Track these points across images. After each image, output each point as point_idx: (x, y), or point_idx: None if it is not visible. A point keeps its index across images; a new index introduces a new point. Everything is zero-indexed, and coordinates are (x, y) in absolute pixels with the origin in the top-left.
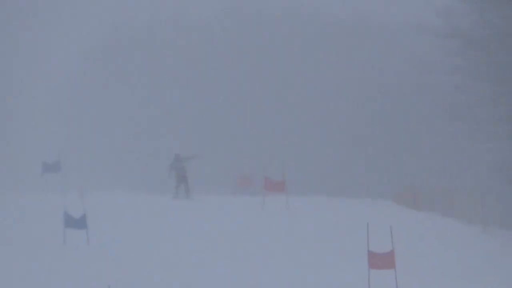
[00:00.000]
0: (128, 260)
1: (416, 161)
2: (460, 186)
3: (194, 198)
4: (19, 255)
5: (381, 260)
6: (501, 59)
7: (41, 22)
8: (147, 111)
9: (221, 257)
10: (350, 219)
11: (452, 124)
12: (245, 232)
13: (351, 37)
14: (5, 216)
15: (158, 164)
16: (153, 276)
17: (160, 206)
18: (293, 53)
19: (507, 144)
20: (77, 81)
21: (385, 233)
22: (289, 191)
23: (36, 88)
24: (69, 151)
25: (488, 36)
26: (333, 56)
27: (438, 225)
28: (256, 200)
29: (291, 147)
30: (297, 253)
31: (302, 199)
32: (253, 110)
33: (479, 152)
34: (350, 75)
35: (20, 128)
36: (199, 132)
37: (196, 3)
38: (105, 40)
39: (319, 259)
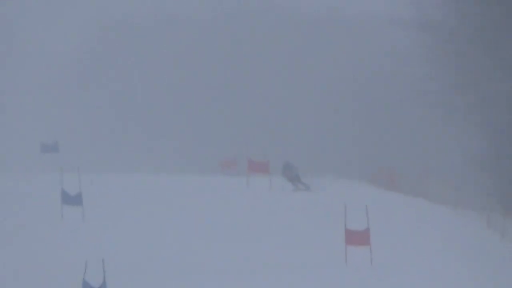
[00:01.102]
0: (121, 235)
1: (392, 145)
2: (433, 169)
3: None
4: (19, 229)
5: (357, 237)
6: (472, 49)
7: (43, 10)
8: (142, 95)
9: (208, 231)
10: (328, 199)
11: (426, 111)
12: (230, 208)
13: (328, 31)
14: (5, 194)
15: (155, 144)
16: (145, 250)
17: (155, 185)
18: (275, 46)
19: (476, 131)
20: (76, 65)
21: (361, 212)
22: (271, 172)
23: (35, 71)
24: (67, 132)
25: (459, 27)
26: (313, 48)
27: (411, 205)
28: (240, 180)
29: (273, 131)
30: (278, 229)
31: (283, 179)
32: (241, 98)
33: (451, 138)
34: (327, 67)
35: (18, 110)
36: (191, 115)
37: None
38: (104, 29)
39: (299, 236)
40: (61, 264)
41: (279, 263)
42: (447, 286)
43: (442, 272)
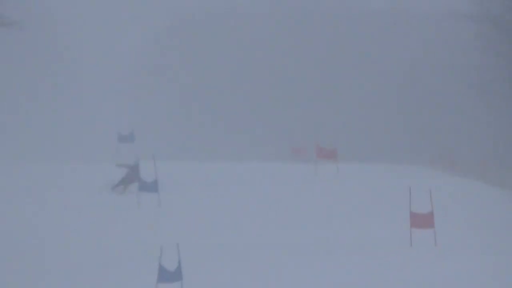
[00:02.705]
0: (195, 221)
1: (452, 132)
2: (491, 154)
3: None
4: (99, 214)
5: (421, 220)
6: None
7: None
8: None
9: (280, 216)
10: (394, 183)
11: (483, 99)
12: (301, 194)
13: (389, 23)
14: (84, 183)
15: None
16: (219, 236)
17: (229, 172)
18: (341, 40)
19: None
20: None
21: (425, 196)
22: (339, 159)
23: (109, 66)
24: (142, 123)
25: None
26: (376, 41)
27: (472, 188)
28: (310, 167)
29: (340, 119)
30: (346, 213)
31: (351, 166)
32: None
33: (509, 124)
34: (389, 59)
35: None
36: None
37: None
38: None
39: (365, 219)
40: (138, 249)
41: (347, 246)
42: (508, 267)
43: (503, 252)
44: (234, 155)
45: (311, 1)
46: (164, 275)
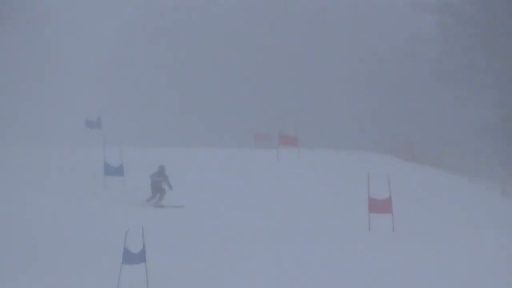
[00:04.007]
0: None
1: (412, 120)
2: (450, 142)
3: (163, 205)
4: (64, 198)
5: (379, 206)
6: (488, 31)
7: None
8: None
9: (241, 201)
10: (353, 170)
11: (444, 88)
12: (262, 180)
13: (352, 14)
14: (51, 166)
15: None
16: (181, 219)
17: (193, 158)
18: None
19: (491, 105)
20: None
21: (383, 182)
22: (300, 145)
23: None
24: (109, 109)
25: (475, 10)
26: (336, 29)
27: (430, 175)
28: (271, 153)
29: (302, 107)
30: (306, 199)
31: (312, 152)
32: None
33: (467, 113)
34: (351, 48)
35: (64, 88)
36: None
37: None
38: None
39: (325, 205)
40: (104, 232)
41: (306, 230)
42: (463, 251)
43: (459, 238)
44: (199, 141)
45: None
46: (128, 257)
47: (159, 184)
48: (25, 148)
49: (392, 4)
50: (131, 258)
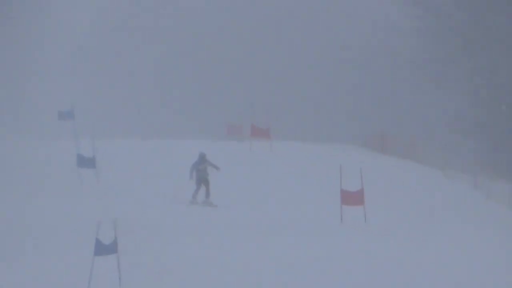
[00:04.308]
0: (132, 197)
1: (385, 112)
2: (423, 134)
3: (213, 203)
4: (36, 190)
5: (352, 198)
6: (462, 25)
7: None
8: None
9: (213, 193)
10: (325, 162)
11: (417, 81)
12: (234, 171)
13: (324, 5)
14: (24, 159)
15: (167, 111)
16: (154, 211)
17: (165, 150)
18: (269, 16)
19: (464, 99)
20: (91, 38)
21: (355, 174)
22: (272, 137)
23: (51, 43)
24: (82, 101)
25: (449, 4)
26: (311, 21)
27: (402, 168)
28: (244, 145)
29: (275, 99)
30: (278, 191)
31: (284, 144)
32: (241, 69)
33: (440, 106)
34: (323, 39)
35: (36, 80)
36: (200, 84)
37: None
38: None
39: (297, 196)
40: (76, 223)
41: (279, 222)
42: (434, 242)
43: (431, 229)
44: (172, 133)
45: None
46: (100, 248)
47: (204, 172)
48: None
49: None
50: (103, 249)
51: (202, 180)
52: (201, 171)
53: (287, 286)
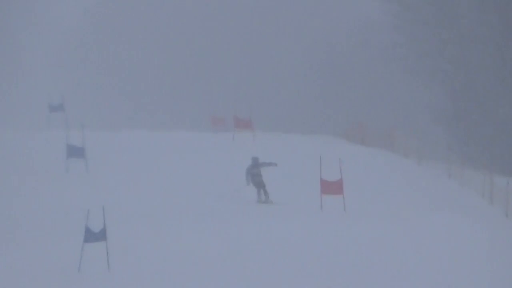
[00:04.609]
0: (120, 186)
1: (364, 104)
2: (399, 125)
3: (273, 202)
4: (27, 180)
5: (331, 187)
6: (436, 19)
7: None
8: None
9: (198, 183)
10: (306, 152)
11: (394, 74)
12: (218, 161)
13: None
14: (14, 150)
15: (153, 103)
16: (141, 200)
17: (152, 141)
18: (253, 8)
19: (438, 91)
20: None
21: (335, 164)
22: (255, 128)
23: (41, 36)
24: (72, 93)
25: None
26: (293, 15)
27: (380, 158)
28: (227, 136)
29: (258, 91)
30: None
31: (266, 135)
32: (225, 61)
33: (416, 98)
34: (302, 33)
35: (27, 72)
36: (186, 77)
37: None
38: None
39: (278, 185)
40: (65, 211)
41: (259, 210)
42: (411, 230)
43: (407, 217)
44: (159, 124)
45: None
46: (90, 236)
47: (258, 176)
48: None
49: None
50: (92, 236)
51: (257, 183)
52: (255, 176)
53: (272, 265)
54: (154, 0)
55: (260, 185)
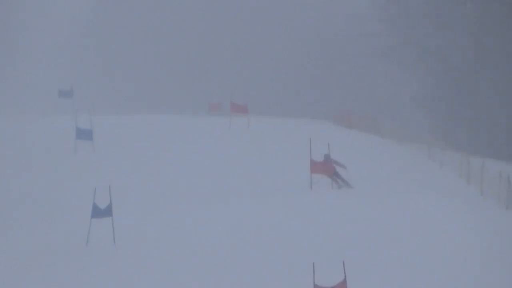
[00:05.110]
0: (125, 167)
1: (351, 91)
2: (383, 110)
3: (352, 186)
4: (37, 161)
5: (320, 167)
6: (417, 11)
7: None
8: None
9: (197, 164)
10: (297, 135)
11: (378, 63)
12: (215, 144)
13: None
14: (26, 133)
15: (156, 89)
16: (145, 180)
17: (155, 124)
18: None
19: (419, 78)
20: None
21: (324, 147)
22: (250, 113)
23: (50, 22)
24: (81, 79)
25: None
26: (286, 7)
27: (366, 140)
28: (224, 120)
29: (253, 78)
30: (254, 161)
31: (261, 119)
32: (223, 48)
33: (398, 85)
34: (292, 24)
35: (37, 59)
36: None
37: None
38: None
39: (271, 166)
40: (74, 190)
41: (254, 189)
42: (395, 207)
43: (391, 195)
44: (160, 109)
45: None
46: (97, 211)
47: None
48: (1, 115)
49: None
50: (99, 212)
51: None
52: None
53: (267, 237)
54: None
55: (334, 175)
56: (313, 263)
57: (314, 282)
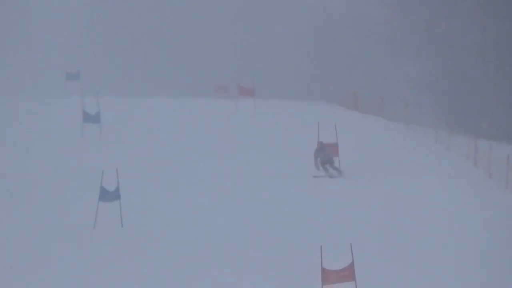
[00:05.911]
0: (132, 149)
1: (357, 74)
2: (389, 93)
3: (342, 173)
4: (45, 142)
5: (328, 149)
6: None
7: None
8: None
9: (205, 147)
10: (304, 118)
11: (384, 46)
12: (222, 127)
13: None
14: (33, 116)
15: (162, 71)
16: (151, 162)
17: (161, 107)
18: None
19: (425, 61)
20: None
21: (331, 129)
22: (257, 96)
23: (57, 7)
24: (87, 61)
25: None
26: None
27: (372, 123)
28: (230, 103)
29: (259, 60)
30: (261, 144)
31: (267, 102)
32: (229, 30)
33: (405, 67)
34: (304, 6)
35: (43, 41)
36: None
37: None
38: None
39: (278, 149)
40: (81, 172)
41: (261, 172)
42: (400, 190)
43: (397, 178)
44: (167, 92)
45: None
46: (104, 195)
47: (325, 157)
48: (10, 97)
49: None
50: (107, 195)
51: (326, 162)
52: (322, 157)
53: (273, 216)
54: None
55: (327, 163)
56: (321, 246)
57: (321, 265)
